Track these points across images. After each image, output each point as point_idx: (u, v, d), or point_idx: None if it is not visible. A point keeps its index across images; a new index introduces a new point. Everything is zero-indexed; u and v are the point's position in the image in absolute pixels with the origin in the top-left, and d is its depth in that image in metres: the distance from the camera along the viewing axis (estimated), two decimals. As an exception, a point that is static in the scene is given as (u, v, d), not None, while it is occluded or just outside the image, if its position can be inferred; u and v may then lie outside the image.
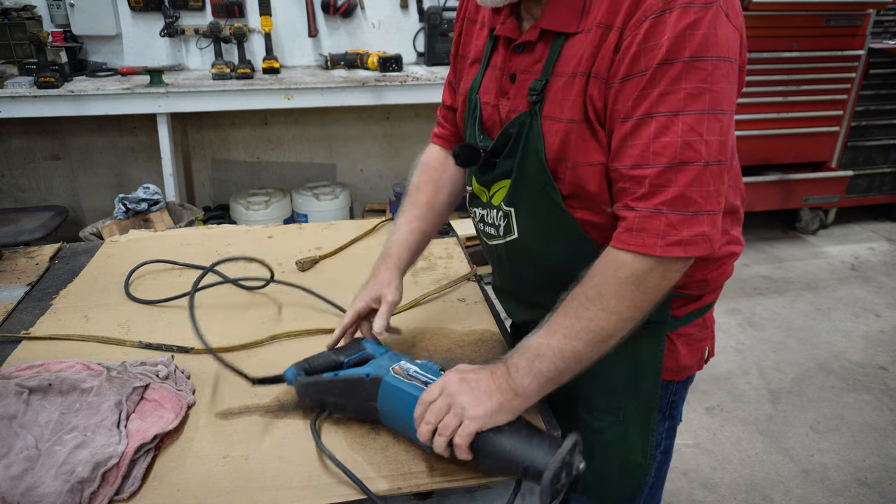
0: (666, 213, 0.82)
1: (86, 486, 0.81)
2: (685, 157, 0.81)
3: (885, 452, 2.35)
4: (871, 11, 3.61)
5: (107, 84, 3.01)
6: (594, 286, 0.86)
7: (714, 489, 2.19)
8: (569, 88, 0.89)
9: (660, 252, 0.82)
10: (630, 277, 0.84)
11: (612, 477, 1.12)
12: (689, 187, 0.81)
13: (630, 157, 0.84)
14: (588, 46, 0.86)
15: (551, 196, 0.94)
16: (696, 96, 0.80)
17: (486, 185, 1.04)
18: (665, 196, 0.82)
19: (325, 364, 0.99)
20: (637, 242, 0.83)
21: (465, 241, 1.67)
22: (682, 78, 0.79)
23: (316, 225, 1.72)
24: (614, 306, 0.85)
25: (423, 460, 0.89)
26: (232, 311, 1.29)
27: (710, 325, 1.12)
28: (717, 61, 0.80)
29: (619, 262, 0.85)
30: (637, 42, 0.81)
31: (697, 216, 0.82)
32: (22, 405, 0.93)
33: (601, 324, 0.85)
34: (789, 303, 3.38)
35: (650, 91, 0.81)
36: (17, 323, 1.24)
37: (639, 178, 0.83)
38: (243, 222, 3.44)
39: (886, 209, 4.43)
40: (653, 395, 1.08)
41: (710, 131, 0.81)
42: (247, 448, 0.92)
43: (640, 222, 0.83)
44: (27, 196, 3.64)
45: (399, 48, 3.62)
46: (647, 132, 0.82)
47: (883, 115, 4.02)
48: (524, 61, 0.95)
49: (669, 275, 0.85)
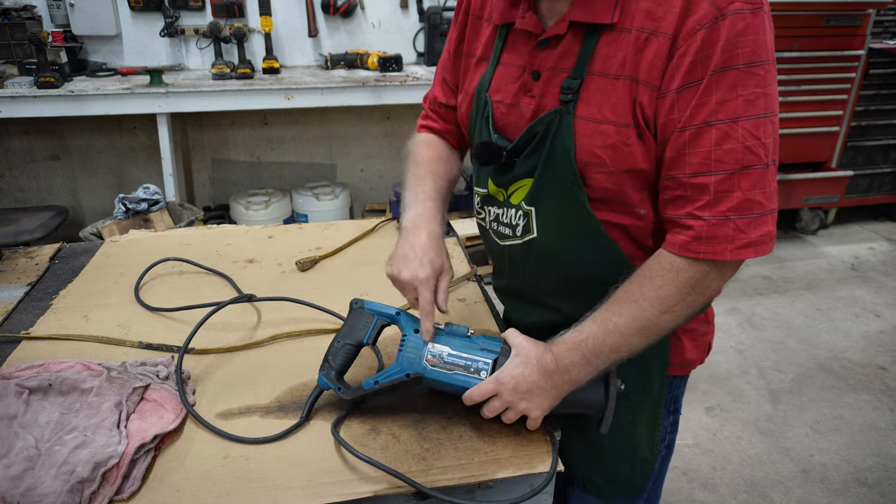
0: (734, 219, 0.83)
1: (86, 486, 0.81)
2: (747, 162, 0.82)
3: (885, 452, 2.35)
4: (871, 11, 3.62)
5: (107, 84, 3.01)
6: (653, 289, 0.88)
7: (714, 489, 2.19)
8: (610, 90, 0.87)
9: (730, 256, 0.85)
10: (690, 282, 0.87)
11: (621, 474, 1.13)
12: (753, 190, 0.83)
13: (691, 166, 0.84)
14: (631, 50, 0.85)
15: (577, 196, 0.93)
16: (753, 101, 0.81)
17: (505, 186, 1.02)
18: (731, 202, 0.83)
19: (346, 355, 0.98)
20: (708, 250, 0.85)
21: (465, 241, 1.67)
22: (738, 84, 0.80)
23: (316, 225, 1.72)
24: (675, 308, 0.88)
25: (423, 460, 0.89)
26: (232, 311, 1.29)
27: (711, 318, 1.14)
28: (767, 65, 0.82)
29: (678, 267, 0.87)
30: (692, 52, 0.81)
31: (762, 217, 0.84)
32: (22, 405, 0.93)
33: (662, 324, 0.89)
34: (789, 303, 3.38)
35: (708, 99, 0.81)
36: (17, 323, 1.24)
37: (702, 185, 0.84)
38: (243, 222, 3.44)
39: (886, 209, 4.43)
40: (660, 392, 1.09)
41: (767, 133, 0.83)
42: (247, 448, 0.92)
43: (709, 230, 0.84)
44: (27, 196, 3.64)
45: (399, 48, 3.62)
46: (707, 140, 0.82)
47: (883, 115, 4.02)
48: (550, 57, 0.93)
49: (726, 274, 0.89)
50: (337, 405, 1.00)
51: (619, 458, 1.12)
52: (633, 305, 0.89)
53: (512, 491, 0.91)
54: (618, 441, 1.11)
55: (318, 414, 0.99)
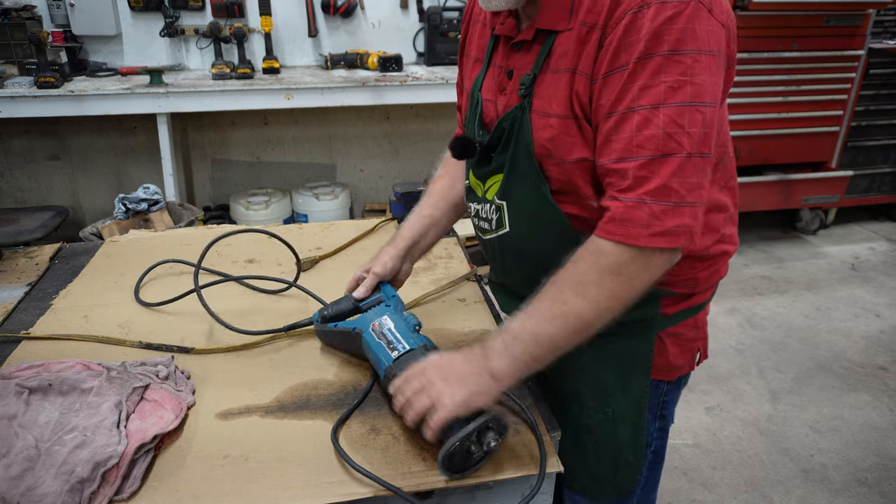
0: (649, 203, 0.82)
1: (86, 486, 0.81)
2: (667, 149, 0.81)
3: (885, 452, 2.35)
4: (871, 11, 3.61)
5: (107, 84, 3.01)
6: (575, 273, 0.87)
7: (714, 489, 2.19)
8: (557, 84, 0.91)
9: (643, 242, 0.83)
10: (611, 266, 0.85)
11: (604, 475, 1.13)
12: (672, 178, 0.82)
13: (615, 152, 0.85)
14: (573, 44, 0.88)
15: (540, 190, 0.96)
16: (677, 89, 0.81)
17: (482, 179, 1.06)
18: (648, 186, 0.82)
19: (341, 309, 1.14)
20: (621, 232, 0.84)
21: (465, 241, 1.67)
22: (661, 71, 0.81)
23: (316, 225, 1.72)
24: (594, 295, 0.85)
25: (423, 460, 0.89)
26: (232, 311, 1.29)
27: (701, 325, 1.12)
28: (696, 55, 0.81)
29: (600, 250, 0.85)
30: (617, 38, 0.83)
31: (679, 207, 0.83)
32: (22, 405, 0.93)
33: (579, 311, 0.86)
34: (789, 303, 3.38)
35: (631, 85, 0.82)
36: (17, 323, 1.24)
37: (623, 171, 0.84)
38: (243, 222, 3.44)
39: (886, 209, 4.43)
40: (642, 394, 1.08)
41: (692, 123, 0.82)
42: (247, 448, 0.92)
43: (624, 212, 0.83)
44: (27, 196, 3.64)
45: (399, 48, 3.62)
46: (629, 126, 0.83)
47: (883, 115, 4.01)
48: (521, 59, 0.98)
49: (651, 267, 0.86)
50: (337, 406, 1.00)
51: (601, 456, 1.12)
52: (553, 288, 0.87)
53: (512, 492, 0.91)
54: (596, 437, 1.11)
55: (319, 414, 0.99)
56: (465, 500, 0.91)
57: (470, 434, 0.83)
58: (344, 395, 1.03)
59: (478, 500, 0.91)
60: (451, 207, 1.24)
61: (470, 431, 0.83)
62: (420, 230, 1.21)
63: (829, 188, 3.95)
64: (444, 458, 0.83)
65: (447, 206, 1.24)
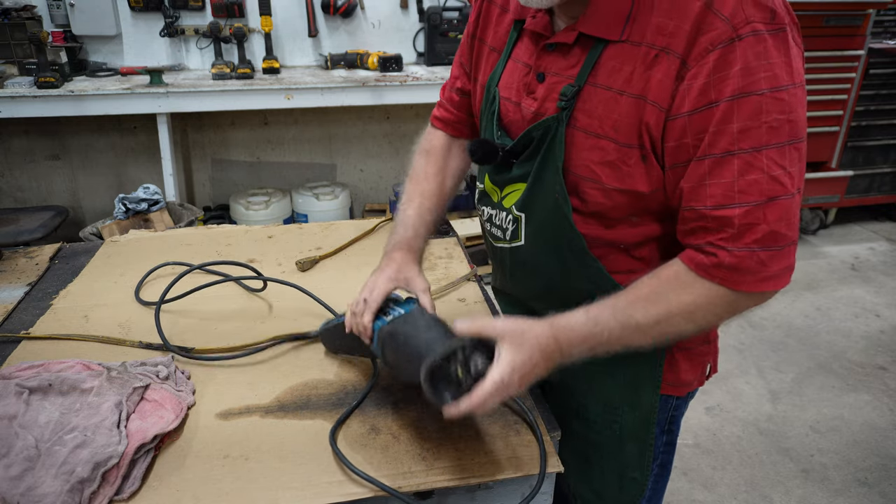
0: (757, 251, 0.79)
1: (86, 486, 0.81)
2: (773, 193, 0.77)
3: (885, 452, 2.35)
4: (871, 11, 3.61)
5: (107, 84, 3.00)
6: (684, 295, 0.83)
7: (714, 489, 2.18)
8: (613, 105, 0.84)
9: (748, 288, 0.81)
10: (725, 306, 0.83)
11: (609, 491, 1.11)
12: (779, 222, 0.78)
13: (712, 198, 0.80)
14: (639, 66, 0.81)
15: (562, 209, 0.91)
16: (777, 129, 0.76)
17: (499, 186, 1.01)
18: (755, 235, 0.79)
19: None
20: (728, 279, 0.81)
21: (465, 241, 1.67)
22: (762, 111, 0.76)
23: (316, 225, 1.72)
24: (700, 319, 0.84)
25: (423, 460, 0.89)
26: (232, 313, 1.29)
27: (713, 339, 1.09)
28: (793, 89, 0.77)
29: (711, 292, 0.82)
30: (705, 73, 0.76)
31: (785, 249, 0.80)
32: (22, 405, 0.93)
33: (681, 332, 0.86)
34: (789, 303, 3.38)
35: (727, 126, 0.77)
36: (17, 323, 1.24)
37: (725, 218, 0.79)
38: (243, 222, 3.44)
39: (886, 209, 4.43)
40: (651, 409, 1.05)
41: (792, 161, 0.78)
42: (247, 448, 0.92)
43: (733, 261, 0.80)
44: (27, 196, 3.64)
45: (399, 48, 3.62)
46: (729, 171, 0.78)
47: (883, 115, 4.01)
48: (556, 63, 0.90)
49: (761, 301, 0.85)
50: (338, 405, 1.00)
51: (606, 472, 1.09)
52: (661, 307, 0.83)
53: (512, 492, 0.91)
54: (601, 453, 1.09)
55: (319, 414, 0.99)
56: (465, 500, 0.91)
57: (452, 352, 0.79)
58: (344, 394, 1.03)
59: (478, 500, 0.91)
60: (443, 207, 1.17)
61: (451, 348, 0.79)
62: (425, 235, 1.12)
63: (829, 188, 3.95)
64: (426, 374, 0.78)
65: (442, 207, 1.17)
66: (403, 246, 1.07)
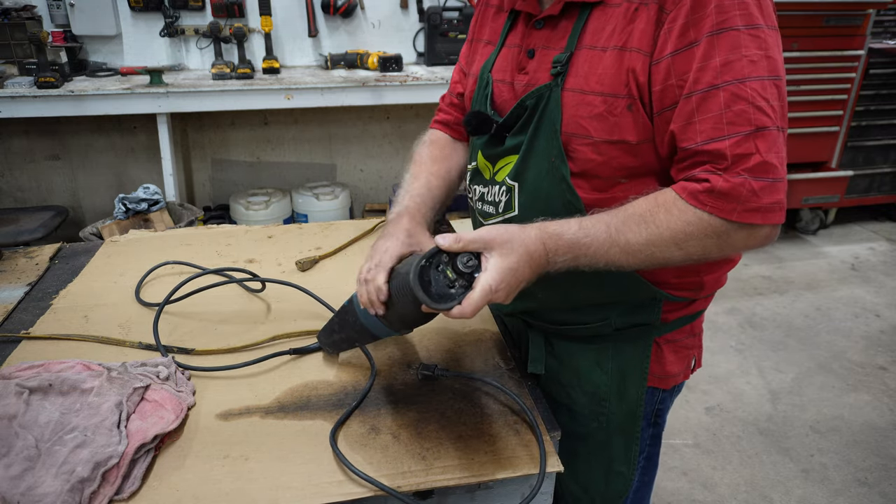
0: (749, 180, 0.79)
1: (86, 486, 0.81)
2: (760, 123, 0.79)
3: (885, 452, 2.35)
4: (871, 11, 3.62)
5: (107, 84, 3.00)
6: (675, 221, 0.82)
7: (714, 489, 2.19)
8: (597, 61, 0.87)
9: (736, 217, 0.80)
10: (714, 237, 0.82)
11: (595, 484, 1.12)
12: (769, 153, 0.80)
13: (702, 133, 0.81)
14: (619, 20, 0.85)
15: (560, 171, 0.92)
16: (756, 62, 0.79)
17: (492, 161, 1.03)
18: (748, 164, 0.79)
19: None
20: (716, 206, 0.80)
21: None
22: (740, 45, 0.79)
23: (316, 225, 1.72)
24: (687, 245, 0.83)
25: (423, 460, 0.89)
26: (232, 313, 1.29)
27: (697, 333, 1.11)
28: (768, 30, 0.81)
29: (703, 221, 0.82)
30: (683, 14, 0.80)
31: (776, 183, 0.81)
32: (22, 405, 0.93)
33: (669, 259, 0.85)
34: (789, 303, 3.38)
35: (710, 62, 0.79)
36: (17, 323, 1.24)
37: (716, 151, 0.80)
38: (243, 222, 3.44)
39: (886, 209, 4.43)
40: (638, 402, 1.07)
41: (773, 97, 0.81)
42: (247, 448, 0.92)
43: (725, 186, 0.80)
44: (27, 196, 3.64)
45: (399, 48, 3.62)
46: (716, 103, 0.80)
47: (883, 115, 4.02)
48: (544, 36, 0.95)
49: (753, 240, 0.84)
50: (337, 406, 1.00)
51: (593, 466, 1.11)
52: (652, 229, 0.83)
53: (512, 492, 0.91)
54: (588, 446, 1.10)
55: (319, 415, 0.99)
56: (465, 500, 0.91)
57: (435, 253, 0.80)
58: (344, 395, 1.03)
59: (478, 500, 0.91)
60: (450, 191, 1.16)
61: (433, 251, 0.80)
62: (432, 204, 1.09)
63: (829, 188, 3.96)
64: (415, 278, 0.78)
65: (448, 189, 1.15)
66: (411, 211, 1.03)
